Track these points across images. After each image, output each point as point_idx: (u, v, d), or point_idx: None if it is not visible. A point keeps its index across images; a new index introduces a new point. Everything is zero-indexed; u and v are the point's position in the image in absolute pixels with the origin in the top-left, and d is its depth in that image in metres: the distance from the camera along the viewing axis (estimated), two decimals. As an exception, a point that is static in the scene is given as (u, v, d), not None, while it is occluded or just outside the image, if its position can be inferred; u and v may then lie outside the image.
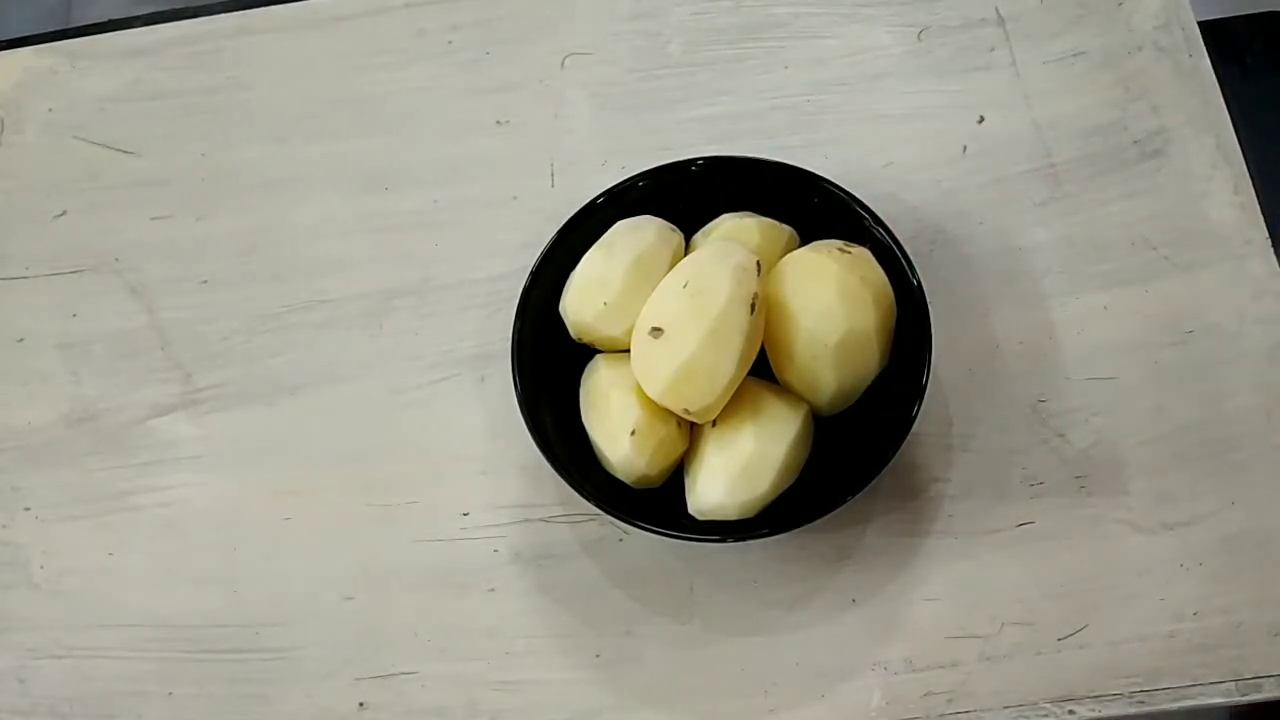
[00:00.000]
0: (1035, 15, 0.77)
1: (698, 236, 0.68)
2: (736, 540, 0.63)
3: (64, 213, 0.78)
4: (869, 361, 0.64)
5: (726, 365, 0.61)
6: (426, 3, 0.81)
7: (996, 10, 0.77)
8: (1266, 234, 0.71)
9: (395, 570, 0.68)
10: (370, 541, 0.69)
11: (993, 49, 0.77)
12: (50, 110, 0.81)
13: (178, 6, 0.83)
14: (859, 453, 0.63)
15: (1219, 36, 0.78)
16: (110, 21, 0.84)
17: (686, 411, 0.62)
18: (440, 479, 0.70)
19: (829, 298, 0.63)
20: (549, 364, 0.67)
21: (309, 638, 0.68)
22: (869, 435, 0.64)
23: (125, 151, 0.79)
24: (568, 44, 0.79)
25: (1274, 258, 0.71)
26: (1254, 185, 0.72)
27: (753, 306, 0.61)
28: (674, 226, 0.67)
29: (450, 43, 0.80)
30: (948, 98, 0.76)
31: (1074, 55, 0.76)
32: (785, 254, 0.66)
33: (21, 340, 0.76)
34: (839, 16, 0.78)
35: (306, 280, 0.75)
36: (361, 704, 0.66)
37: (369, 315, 0.74)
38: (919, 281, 0.65)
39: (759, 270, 0.62)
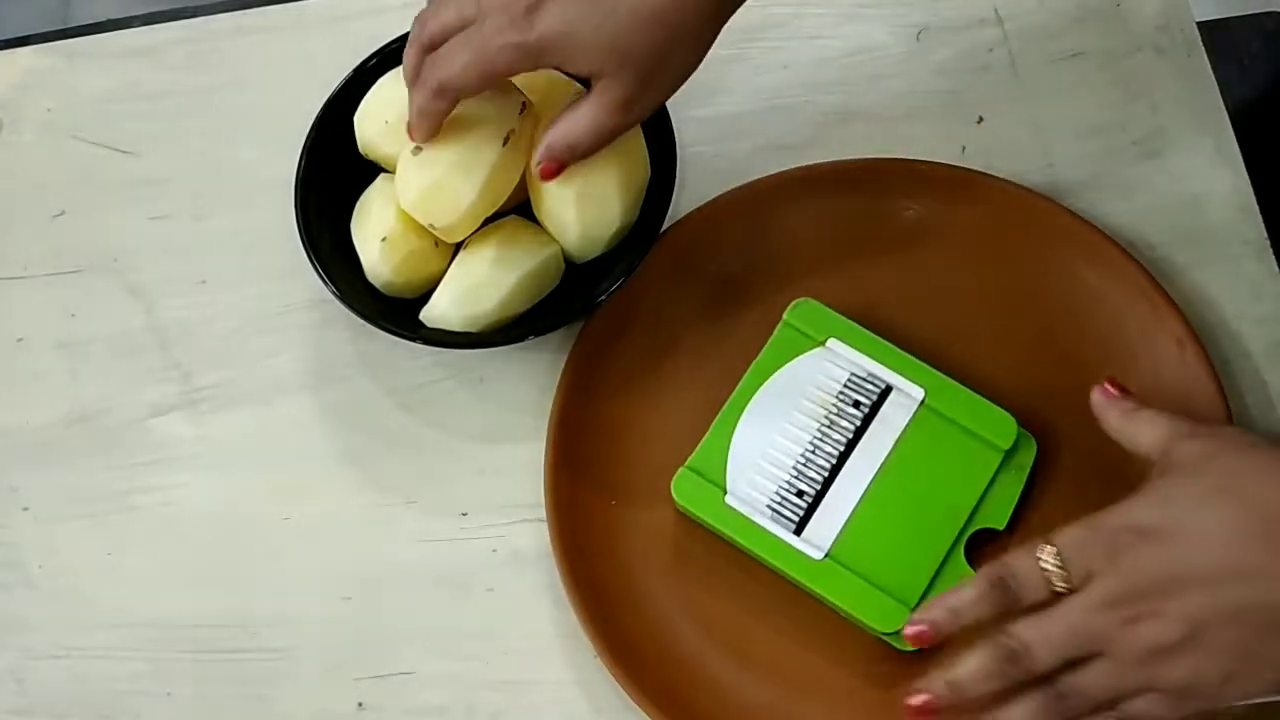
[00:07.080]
0: (1034, 16, 0.77)
1: None
2: (450, 347, 0.68)
3: (62, 213, 0.78)
4: (610, 212, 0.68)
5: (469, 189, 0.65)
6: (426, 3, 0.81)
7: (995, 10, 0.77)
8: (1265, 234, 0.71)
9: (394, 570, 0.69)
10: (369, 541, 0.69)
11: (991, 49, 0.77)
12: (49, 110, 0.81)
13: (177, 6, 0.83)
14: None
15: (1218, 36, 0.78)
16: (109, 21, 0.84)
17: (433, 227, 0.67)
18: (439, 479, 0.70)
19: None
20: (342, 188, 0.72)
21: (308, 638, 0.68)
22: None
23: (124, 151, 0.79)
24: (567, 44, 0.79)
25: (1273, 258, 0.71)
26: (1252, 186, 0.72)
27: (506, 139, 0.65)
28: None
29: (449, 43, 0.80)
30: (947, 98, 0.76)
31: (1073, 56, 0.76)
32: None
33: (21, 340, 0.76)
34: (839, 16, 0.78)
35: (305, 280, 0.75)
36: (360, 704, 0.66)
37: (368, 315, 0.74)
38: (675, 142, 0.70)
39: (523, 109, 0.66)
